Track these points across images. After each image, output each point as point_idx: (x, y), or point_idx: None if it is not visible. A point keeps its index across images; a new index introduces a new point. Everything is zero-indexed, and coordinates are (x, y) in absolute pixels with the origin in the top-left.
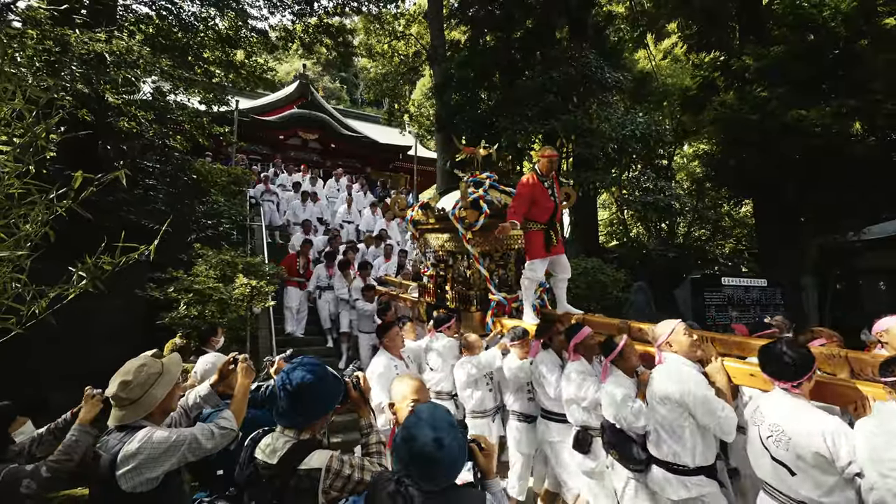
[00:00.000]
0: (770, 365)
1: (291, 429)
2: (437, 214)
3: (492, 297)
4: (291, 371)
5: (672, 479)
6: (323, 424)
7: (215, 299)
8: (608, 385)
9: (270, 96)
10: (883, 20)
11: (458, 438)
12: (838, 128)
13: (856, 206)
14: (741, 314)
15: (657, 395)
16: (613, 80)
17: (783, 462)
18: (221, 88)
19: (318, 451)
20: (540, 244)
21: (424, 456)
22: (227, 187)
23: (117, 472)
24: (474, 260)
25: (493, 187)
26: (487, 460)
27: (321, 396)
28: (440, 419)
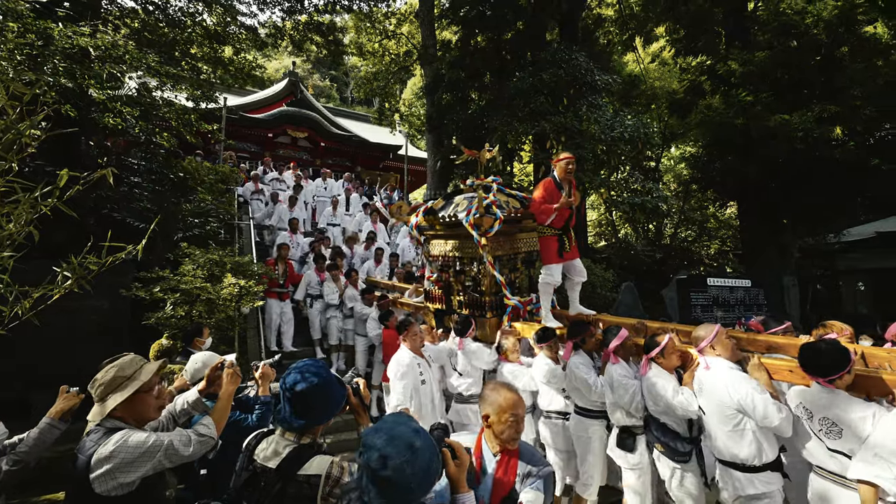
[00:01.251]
0: (811, 362)
1: (293, 433)
2: (447, 221)
3: (507, 301)
4: (296, 374)
5: (741, 476)
6: (323, 429)
7: (203, 299)
8: (652, 378)
9: (259, 93)
10: (862, 28)
11: (418, 460)
12: (819, 132)
13: (835, 208)
14: (726, 314)
15: (713, 402)
16: (603, 83)
17: (840, 450)
18: (209, 85)
19: (318, 456)
20: (554, 250)
21: (378, 479)
22: (215, 185)
23: (91, 476)
24: (489, 265)
25: (500, 191)
26: (459, 470)
27: (327, 401)
28: (400, 438)
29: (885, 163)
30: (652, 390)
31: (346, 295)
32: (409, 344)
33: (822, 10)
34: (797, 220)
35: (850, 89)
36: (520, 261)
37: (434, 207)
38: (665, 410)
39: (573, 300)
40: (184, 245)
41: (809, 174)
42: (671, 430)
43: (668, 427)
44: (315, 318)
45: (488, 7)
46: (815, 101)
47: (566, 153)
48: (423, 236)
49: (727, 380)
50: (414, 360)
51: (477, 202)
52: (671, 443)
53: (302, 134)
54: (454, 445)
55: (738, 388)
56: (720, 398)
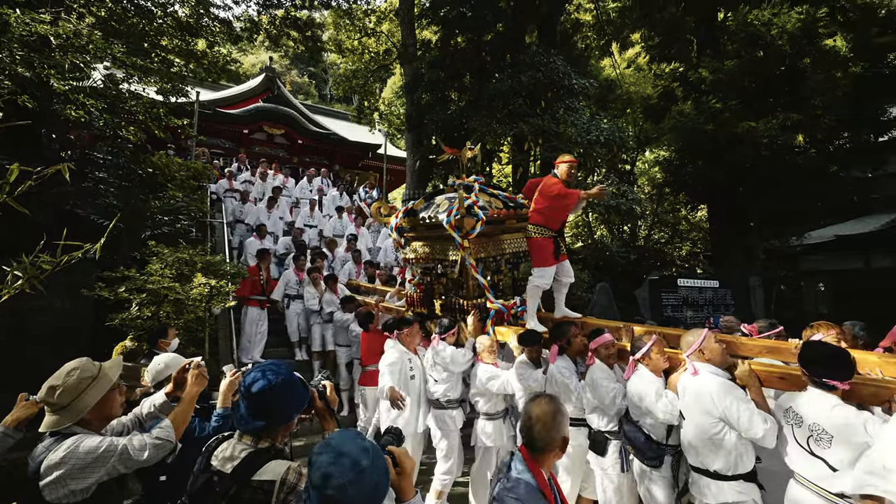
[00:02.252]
0: (817, 361)
1: (250, 436)
2: (428, 222)
3: (490, 305)
4: (255, 373)
5: (711, 483)
6: (286, 433)
7: (171, 299)
8: (636, 380)
9: (234, 89)
10: (823, 41)
11: (363, 481)
12: (783, 139)
13: (798, 212)
14: (696, 313)
15: (696, 409)
16: (580, 87)
17: (825, 459)
18: (180, 78)
19: (274, 461)
20: (550, 251)
21: (321, 498)
22: (187, 182)
23: (41, 483)
24: (471, 268)
25: (483, 191)
26: (401, 478)
27: (284, 402)
28: (347, 456)
29: (842, 170)
30: (635, 392)
31: (324, 300)
32: (406, 340)
33: (786, 22)
34: (762, 223)
35: (811, 99)
36: (503, 263)
37: (415, 208)
38: (645, 413)
39: (559, 302)
40: (151, 243)
41: (774, 179)
42: (645, 433)
43: (643, 429)
44: (293, 319)
45: (469, 8)
46: (780, 110)
47: (569, 156)
48: (404, 238)
49: (713, 387)
50: (404, 355)
51: (458, 203)
52: (642, 445)
53: (279, 131)
54: (396, 453)
55: (723, 397)
56: (704, 406)
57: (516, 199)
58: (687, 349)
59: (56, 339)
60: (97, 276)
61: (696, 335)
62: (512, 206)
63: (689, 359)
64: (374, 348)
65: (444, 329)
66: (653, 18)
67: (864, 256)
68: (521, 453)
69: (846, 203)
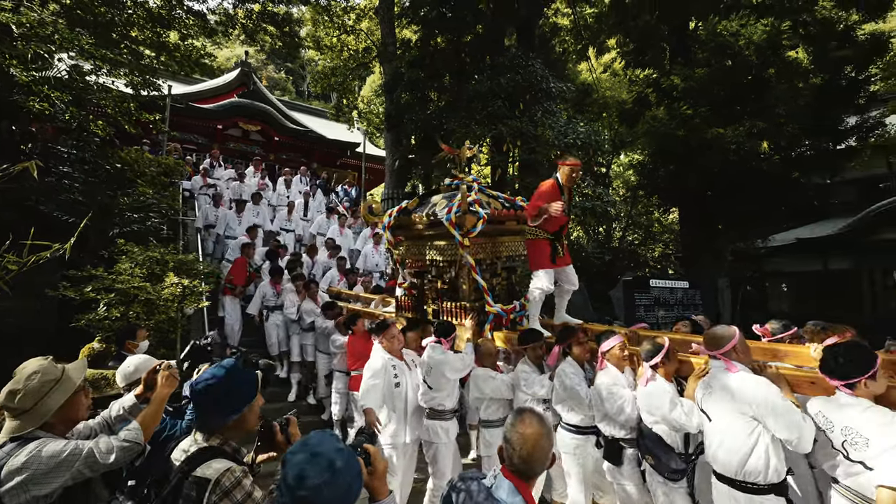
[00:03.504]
0: (831, 364)
1: (201, 433)
2: (425, 221)
3: (489, 308)
4: (202, 374)
5: (741, 497)
6: (238, 432)
7: (141, 299)
8: (650, 388)
9: (209, 83)
10: (786, 53)
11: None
12: (749, 146)
13: (763, 216)
14: (667, 313)
15: (726, 409)
16: (557, 90)
17: (863, 462)
18: (152, 71)
19: (217, 459)
20: (546, 255)
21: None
22: (157, 178)
23: (1, 489)
24: (471, 269)
25: (482, 191)
26: (373, 478)
27: (223, 396)
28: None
29: (803, 176)
30: (648, 400)
31: (303, 308)
32: (387, 345)
33: (752, 33)
34: (730, 226)
35: (775, 108)
36: (500, 266)
37: (408, 208)
38: (659, 422)
39: (559, 309)
40: (120, 242)
41: (740, 184)
42: (665, 444)
43: (662, 440)
44: (272, 332)
45: (449, 9)
46: (747, 117)
47: (573, 158)
48: (396, 239)
49: (750, 384)
50: (388, 362)
51: (460, 199)
52: (663, 457)
53: (254, 127)
54: (370, 451)
55: (765, 396)
56: (740, 405)
57: (515, 200)
58: (718, 347)
59: (21, 341)
60: (62, 274)
61: (729, 332)
62: (509, 207)
63: (723, 357)
64: (360, 352)
65: (444, 332)
66: (627, 25)
67: (822, 259)
68: (507, 478)
69: (807, 207)
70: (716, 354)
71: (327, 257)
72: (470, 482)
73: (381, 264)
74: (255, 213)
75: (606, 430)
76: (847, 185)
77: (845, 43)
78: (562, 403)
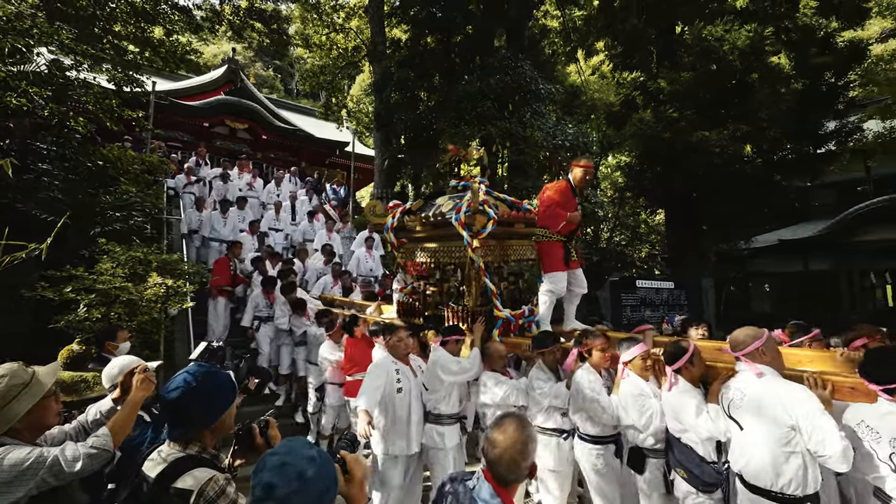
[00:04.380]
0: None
1: (177, 442)
2: (432, 220)
3: (498, 313)
4: (175, 380)
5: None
6: (215, 438)
7: (123, 300)
8: (675, 396)
9: (195, 79)
10: (769, 58)
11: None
12: (733, 149)
13: (746, 218)
14: (653, 313)
15: (758, 418)
16: (546, 91)
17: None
18: (135, 67)
19: (199, 469)
20: (559, 257)
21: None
22: (141, 176)
23: None
24: (479, 272)
25: (489, 193)
26: (350, 486)
27: (198, 405)
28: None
29: (785, 179)
30: (674, 408)
31: (292, 322)
32: (392, 348)
33: (736, 38)
34: (714, 227)
35: (758, 112)
36: (507, 270)
37: (413, 209)
38: (686, 430)
39: (569, 314)
40: (102, 241)
41: (724, 186)
42: (696, 455)
43: (693, 451)
44: (264, 343)
45: (439, 9)
46: (730, 121)
47: (586, 160)
48: (400, 240)
49: (784, 392)
50: (392, 364)
51: (472, 198)
52: (696, 469)
53: (242, 125)
54: (347, 459)
55: (798, 404)
56: (773, 413)
57: (522, 204)
58: (740, 348)
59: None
60: (40, 275)
61: (755, 333)
62: (516, 210)
63: (746, 360)
64: (358, 356)
65: (448, 332)
66: (615, 28)
67: (803, 260)
68: (488, 481)
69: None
70: (738, 356)
71: (322, 264)
72: (458, 483)
73: (374, 269)
74: (241, 219)
75: (632, 438)
76: (827, 188)
77: (825, 49)
78: (580, 413)
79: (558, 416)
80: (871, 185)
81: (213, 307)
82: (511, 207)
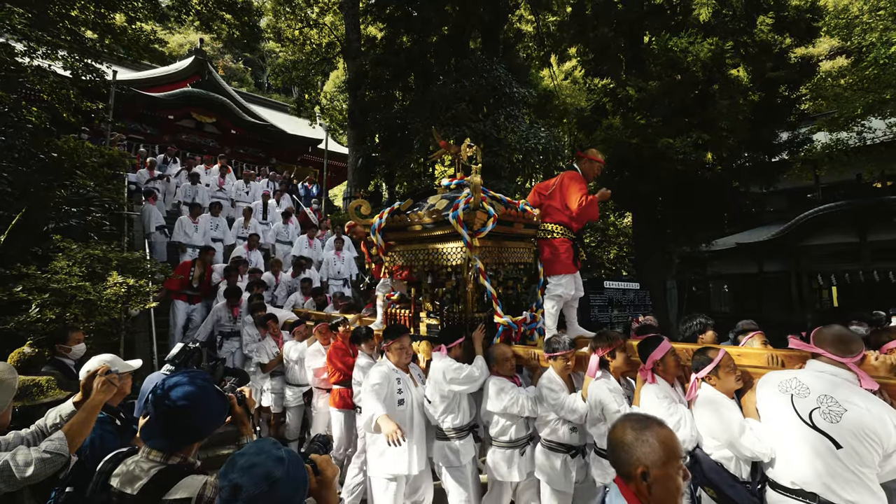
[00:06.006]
0: None
1: (160, 452)
2: (428, 219)
3: (499, 319)
4: (170, 384)
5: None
6: (198, 446)
7: (80, 300)
8: (709, 405)
9: (159, 69)
10: (729, 70)
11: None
12: (695, 156)
13: (707, 222)
14: (620, 312)
15: (844, 428)
16: (520, 95)
17: None
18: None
19: (189, 477)
20: (570, 257)
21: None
22: (99, 170)
23: None
24: (480, 274)
25: (483, 191)
26: (321, 487)
27: (204, 417)
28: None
29: (742, 185)
30: (710, 421)
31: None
32: (394, 358)
33: (699, 50)
34: (678, 230)
35: (719, 121)
36: (504, 274)
37: (401, 209)
38: (722, 447)
39: (571, 320)
40: (56, 238)
41: (687, 191)
42: (728, 474)
43: (724, 468)
44: (227, 360)
45: (415, 8)
46: (693, 129)
47: (597, 152)
48: (387, 243)
49: (867, 401)
50: (393, 373)
51: (472, 193)
52: (728, 489)
53: (209, 119)
54: (318, 461)
55: (886, 416)
56: (864, 424)
57: (518, 203)
58: (844, 353)
59: None
60: None
61: (853, 337)
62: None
63: (853, 366)
64: (341, 362)
65: (447, 338)
66: (587, 36)
67: (758, 262)
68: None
69: (745, 214)
70: (846, 363)
71: (291, 276)
72: None
73: (343, 271)
74: (214, 226)
75: None
76: (780, 195)
77: (780, 64)
78: (597, 426)
79: (566, 430)
80: (820, 192)
81: (171, 311)
82: (507, 207)
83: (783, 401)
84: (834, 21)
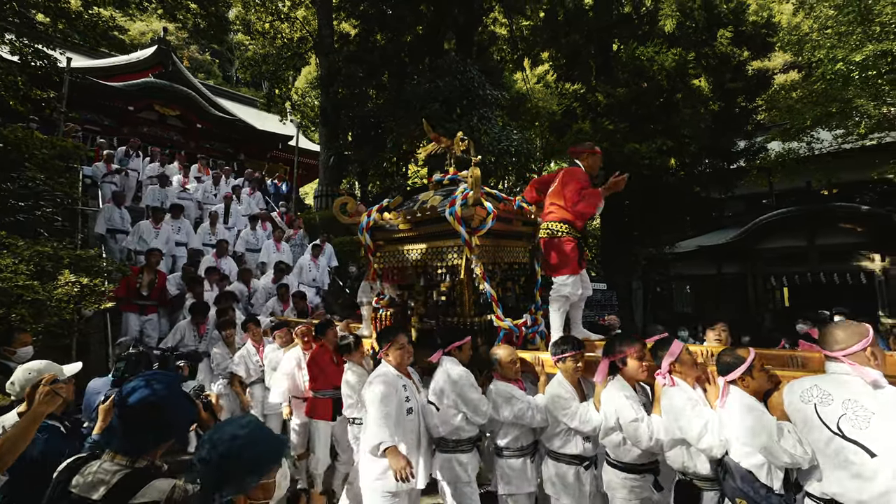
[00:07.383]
0: None
1: (125, 455)
2: (421, 216)
3: (499, 323)
4: (135, 386)
5: None
6: (164, 450)
7: (28, 300)
8: (738, 411)
9: (119, 58)
10: (691, 80)
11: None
12: (660, 162)
13: (670, 225)
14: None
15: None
16: (493, 97)
17: None
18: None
19: (157, 479)
20: (574, 256)
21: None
22: (51, 162)
23: None
24: (480, 275)
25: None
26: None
27: (171, 415)
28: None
29: (703, 190)
30: (745, 424)
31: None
32: (395, 360)
33: (664, 60)
34: (643, 233)
35: (681, 129)
36: (500, 275)
37: (390, 206)
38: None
39: (576, 321)
40: (1, 234)
41: (652, 195)
42: (760, 483)
43: (756, 477)
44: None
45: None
46: (658, 136)
47: (594, 145)
48: (376, 242)
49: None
50: (398, 380)
51: (472, 187)
52: (762, 501)
53: (173, 112)
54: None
55: None
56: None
57: (515, 201)
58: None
59: None
60: None
61: (860, 331)
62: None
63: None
64: (321, 369)
65: (449, 338)
66: (559, 41)
67: (717, 264)
68: None
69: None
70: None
71: (271, 282)
72: None
73: (318, 279)
74: (176, 229)
75: (678, 462)
76: (737, 200)
77: (738, 76)
78: (611, 435)
79: (580, 441)
80: (774, 198)
81: (123, 324)
82: (503, 203)
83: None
84: (787, 37)
